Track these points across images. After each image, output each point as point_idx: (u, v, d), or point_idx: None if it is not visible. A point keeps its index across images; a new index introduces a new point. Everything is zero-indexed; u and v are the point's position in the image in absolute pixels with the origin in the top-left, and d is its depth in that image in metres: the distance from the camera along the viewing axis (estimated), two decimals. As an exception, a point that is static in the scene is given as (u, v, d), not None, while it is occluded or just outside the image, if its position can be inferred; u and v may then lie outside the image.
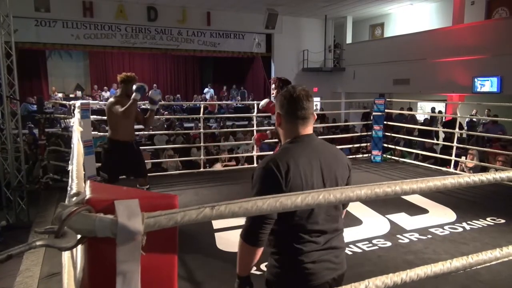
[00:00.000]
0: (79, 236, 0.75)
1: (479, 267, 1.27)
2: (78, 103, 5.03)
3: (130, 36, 13.16)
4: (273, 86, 3.79)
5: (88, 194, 0.81)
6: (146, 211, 0.79)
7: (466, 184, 1.10)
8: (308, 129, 1.56)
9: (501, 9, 11.75)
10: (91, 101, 6.14)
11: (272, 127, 3.92)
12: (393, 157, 7.30)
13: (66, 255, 1.28)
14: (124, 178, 4.41)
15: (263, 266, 2.99)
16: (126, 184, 1.17)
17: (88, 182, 0.92)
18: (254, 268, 2.98)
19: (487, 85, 10.03)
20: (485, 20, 11.66)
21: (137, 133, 9.86)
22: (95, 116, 5.65)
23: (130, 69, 17.30)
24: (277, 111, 1.59)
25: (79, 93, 15.05)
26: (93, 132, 5.43)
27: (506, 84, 9.69)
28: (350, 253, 3.28)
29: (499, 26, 10.34)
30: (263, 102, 3.91)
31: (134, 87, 3.83)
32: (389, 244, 3.46)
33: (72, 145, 2.29)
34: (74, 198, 0.84)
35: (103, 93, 14.63)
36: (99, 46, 13.10)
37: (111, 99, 3.96)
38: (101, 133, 6.40)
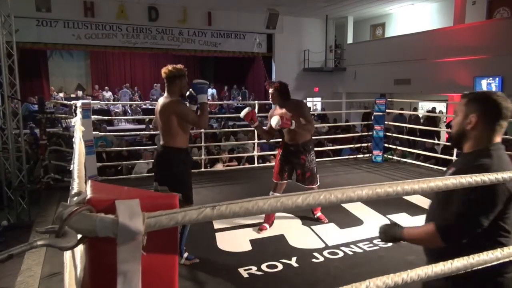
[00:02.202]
0: (80, 236, 0.75)
1: (479, 267, 1.27)
2: (79, 103, 5.04)
3: (131, 36, 13.17)
4: (271, 90, 3.73)
5: (89, 194, 0.81)
6: (147, 211, 0.79)
7: (468, 184, 1.10)
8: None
9: (503, 9, 11.73)
10: (92, 101, 6.14)
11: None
12: (394, 157, 7.29)
13: (67, 254, 1.28)
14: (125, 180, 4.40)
15: (264, 267, 2.99)
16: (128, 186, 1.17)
17: (89, 181, 0.92)
18: (255, 268, 2.98)
19: (489, 84, 10.02)
20: (486, 20, 11.64)
21: (137, 133, 9.94)
22: (96, 116, 5.65)
23: (131, 69, 17.33)
24: (475, 113, 1.47)
25: (80, 93, 15.06)
26: (94, 132, 5.44)
27: (507, 84, 9.68)
28: (351, 253, 3.28)
29: (500, 26, 10.33)
30: (244, 111, 3.71)
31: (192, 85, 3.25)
32: (390, 244, 3.45)
33: (74, 145, 2.29)
34: (75, 198, 0.84)
35: (104, 93, 14.64)
36: (100, 46, 13.10)
37: (170, 99, 3.08)
38: (102, 133, 6.41)
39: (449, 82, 11.04)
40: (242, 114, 3.74)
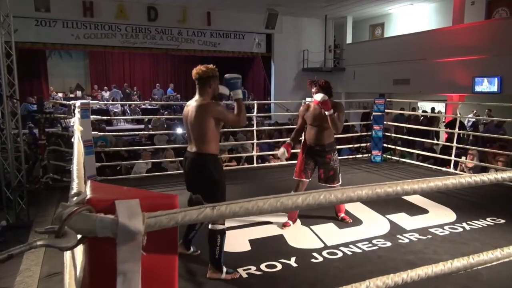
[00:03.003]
0: (79, 236, 0.75)
1: (479, 267, 1.27)
2: (78, 103, 5.04)
3: (130, 36, 13.17)
4: (314, 89, 3.77)
5: (88, 194, 0.81)
6: (147, 211, 0.79)
7: (467, 184, 1.10)
8: None
9: (501, 9, 11.74)
10: (91, 101, 6.13)
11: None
12: (393, 157, 7.30)
13: (67, 255, 1.28)
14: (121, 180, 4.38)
15: (263, 266, 2.99)
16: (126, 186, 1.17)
17: (88, 182, 0.92)
18: (254, 268, 2.98)
19: (488, 84, 10.03)
20: (485, 20, 11.66)
21: (137, 133, 9.93)
22: (95, 116, 5.65)
23: (130, 69, 17.33)
24: None
25: (79, 93, 15.06)
26: (93, 132, 5.44)
27: (506, 84, 9.69)
28: (350, 253, 3.28)
29: (499, 26, 10.34)
30: (322, 96, 3.64)
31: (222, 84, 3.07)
32: (389, 244, 3.46)
33: (73, 145, 2.29)
34: (75, 198, 0.84)
35: (103, 93, 14.64)
36: (99, 46, 13.10)
37: (206, 102, 2.87)
38: (101, 133, 6.40)
39: (448, 82, 11.05)
40: (319, 98, 3.65)
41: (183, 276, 2.89)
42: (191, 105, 2.92)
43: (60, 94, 14.49)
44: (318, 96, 3.66)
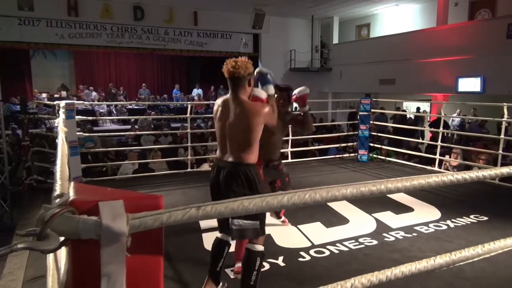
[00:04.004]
0: (62, 238, 0.74)
1: (462, 263, 1.29)
2: (62, 103, 4.96)
3: (116, 35, 13.02)
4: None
5: (71, 196, 0.80)
6: (131, 212, 0.78)
7: (450, 183, 1.12)
8: None
9: (484, 11, 11.98)
10: (76, 101, 6.05)
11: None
12: (379, 157, 7.37)
13: (50, 257, 1.26)
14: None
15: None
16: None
17: (71, 183, 0.91)
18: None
19: (471, 84, 10.21)
20: (468, 21, 11.88)
21: (123, 133, 9.83)
22: (80, 117, 5.57)
23: (116, 69, 17.17)
24: None
25: (64, 93, 14.84)
26: (78, 133, 5.37)
27: (488, 84, 9.88)
28: (337, 251, 3.30)
29: (481, 27, 10.55)
30: (304, 90, 3.31)
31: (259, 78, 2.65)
32: (375, 242, 3.50)
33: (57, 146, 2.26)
34: (57, 200, 0.83)
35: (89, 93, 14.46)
36: (84, 45, 12.92)
37: (257, 103, 2.44)
38: (86, 134, 6.32)
39: (432, 82, 11.22)
40: (299, 91, 3.31)
41: (169, 277, 2.87)
42: (230, 103, 2.42)
43: (44, 94, 14.26)
44: (299, 89, 3.35)
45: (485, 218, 4.10)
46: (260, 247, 2.44)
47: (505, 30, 9.46)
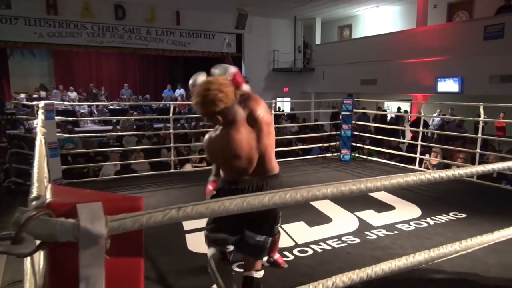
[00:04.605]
0: (39, 242, 0.72)
1: (440, 260, 1.32)
2: (41, 103, 4.86)
3: (96, 35, 12.82)
4: None
5: (48, 198, 0.79)
6: (110, 214, 0.77)
7: (427, 181, 1.15)
8: None
9: (462, 13, 12.26)
10: (55, 102, 5.93)
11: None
12: (361, 156, 7.47)
13: (28, 261, 1.23)
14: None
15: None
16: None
17: (49, 185, 0.89)
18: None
19: (450, 85, 10.43)
20: (446, 23, 12.14)
21: (104, 134, 9.68)
22: (60, 117, 5.46)
23: (97, 69, 16.90)
24: None
25: (43, 93, 14.51)
26: (58, 134, 5.26)
27: (466, 85, 10.12)
28: (320, 250, 3.33)
29: (459, 29, 10.80)
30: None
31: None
32: (357, 240, 3.54)
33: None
34: (34, 202, 0.81)
35: (69, 93, 14.18)
36: (64, 45, 12.67)
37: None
38: (66, 135, 6.20)
39: (413, 82, 11.42)
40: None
41: (152, 279, 2.85)
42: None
43: (22, 95, 13.92)
44: None
45: (464, 215, 4.19)
46: (261, 272, 2.27)
47: (482, 32, 9.70)
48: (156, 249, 3.30)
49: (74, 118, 9.62)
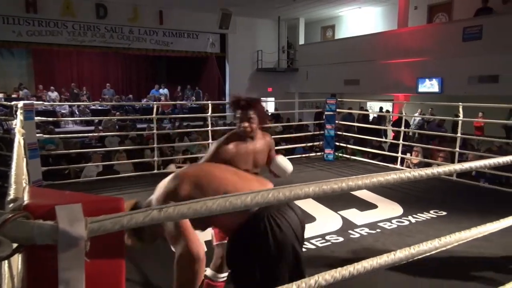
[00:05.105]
0: (16, 245, 0.71)
1: (421, 256, 1.35)
2: (20, 103, 4.75)
3: (78, 33, 12.61)
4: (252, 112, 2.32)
5: (26, 200, 0.77)
6: (90, 215, 0.76)
7: (407, 179, 1.17)
8: None
9: (441, 14, 12.51)
10: (35, 102, 5.80)
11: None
12: (345, 155, 7.54)
13: (5, 265, 1.21)
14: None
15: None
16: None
17: (27, 187, 0.87)
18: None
19: (430, 85, 10.64)
20: (427, 24, 12.37)
21: (86, 134, 9.52)
22: (39, 118, 5.35)
23: (78, 69, 16.59)
24: None
25: (22, 93, 14.18)
26: (38, 135, 5.15)
27: (446, 85, 10.33)
28: (304, 249, 3.34)
29: (439, 30, 11.01)
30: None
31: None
32: (341, 239, 3.58)
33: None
34: (11, 205, 0.79)
35: (49, 93, 13.89)
36: (44, 43, 12.42)
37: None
38: (46, 135, 6.09)
39: (394, 83, 11.60)
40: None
41: (135, 281, 2.82)
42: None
43: (0, 95, 13.57)
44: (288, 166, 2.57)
45: (444, 213, 4.28)
46: None
47: (460, 33, 9.92)
48: (140, 251, 3.26)
49: (55, 119, 9.44)
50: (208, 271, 2.20)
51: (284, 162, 2.52)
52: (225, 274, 2.26)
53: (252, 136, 2.32)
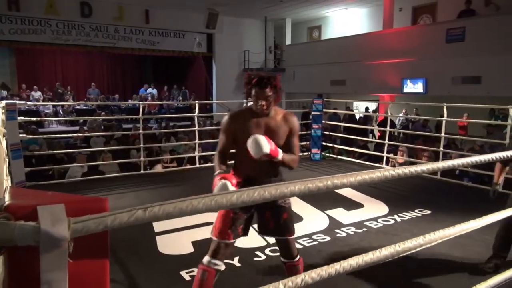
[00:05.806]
0: (-4, 246, 0.69)
1: (406, 254, 1.37)
2: (2, 103, 4.66)
3: (62, 32, 12.40)
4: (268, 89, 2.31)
5: (7, 201, 0.76)
6: (74, 216, 0.75)
7: (391, 177, 1.18)
8: None
9: (425, 16, 12.69)
10: (18, 101, 5.69)
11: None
12: (331, 155, 7.59)
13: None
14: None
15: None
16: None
17: (8, 187, 0.86)
18: (197, 270, 2.95)
19: (415, 86, 10.78)
20: (411, 25, 12.53)
21: (71, 135, 9.38)
22: (22, 118, 5.25)
23: (62, 68, 16.34)
24: None
25: (4, 92, 13.89)
26: (20, 135, 5.05)
27: (430, 86, 10.48)
28: (291, 249, 3.36)
29: (423, 31, 11.17)
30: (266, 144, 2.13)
31: None
32: (328, 238, 3.60)
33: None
34: (-9, 206, 0.77)
35: (33, 92, 13.64)
36: (27, 42, 12.17)
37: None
38: (30, 136, 5.98)
39: (380, 83, 11.72)
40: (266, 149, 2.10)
41: (121, 282, 2.79)
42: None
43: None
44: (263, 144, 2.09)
45: (429, 212, 4.35)
46: None
47: (444, 34, 10.08)
48: (126, 252, 3.24)
49: (38, 119, 9.28)
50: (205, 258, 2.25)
51: (256, 141, 2.10)
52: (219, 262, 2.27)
53: (267, 114, 2.32)
